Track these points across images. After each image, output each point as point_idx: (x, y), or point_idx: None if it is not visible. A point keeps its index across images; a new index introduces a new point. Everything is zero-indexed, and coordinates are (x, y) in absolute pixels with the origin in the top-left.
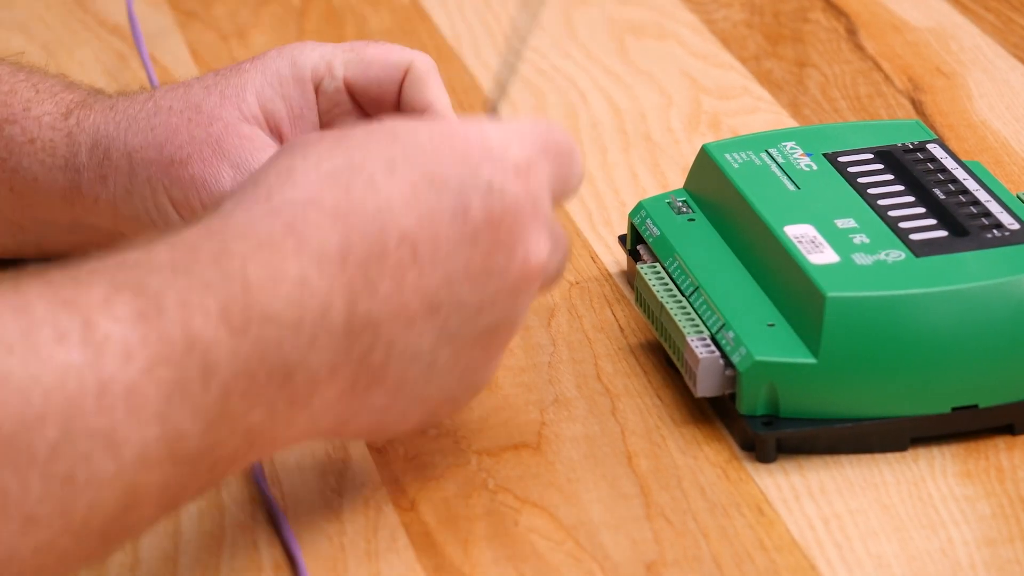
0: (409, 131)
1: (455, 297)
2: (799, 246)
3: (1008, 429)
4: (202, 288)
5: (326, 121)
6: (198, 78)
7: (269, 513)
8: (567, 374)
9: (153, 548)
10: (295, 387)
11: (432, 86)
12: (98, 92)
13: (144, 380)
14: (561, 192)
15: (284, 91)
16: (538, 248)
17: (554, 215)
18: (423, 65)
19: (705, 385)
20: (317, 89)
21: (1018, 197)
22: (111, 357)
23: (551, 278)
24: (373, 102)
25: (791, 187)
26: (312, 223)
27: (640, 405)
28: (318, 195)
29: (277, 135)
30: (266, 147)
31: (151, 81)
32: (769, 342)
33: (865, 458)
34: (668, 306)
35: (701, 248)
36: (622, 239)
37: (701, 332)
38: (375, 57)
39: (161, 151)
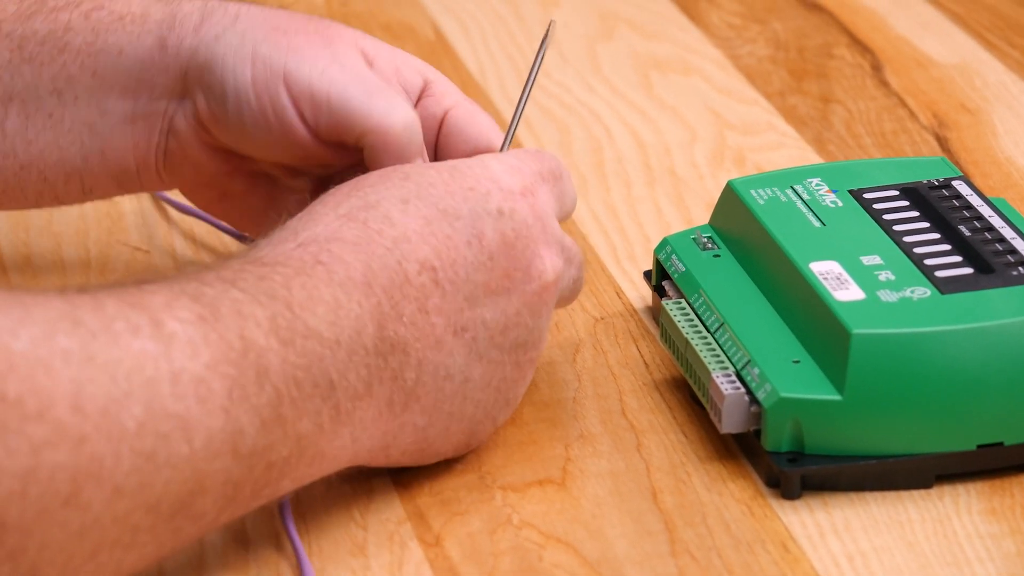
0: (419, 171)
1: (479, 317)
2: (824, 283)
3: None
4: (252, 301)
5: None
6: None
7: (294, 548)
8: (592, 410)
9: None
10: (337, 401)
11: (451, 93)
12: None
13: (210, 374)
14: (560, 211)
15: (402, 65)
16: (552, 262)
17: (562, 232)
18: (443, 83)
19: (730, 421)
20: (418, 103)
21: None
22: (179, 351)
23: (569, 292)
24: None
25: (816, 223)
26: (336, 255)
27: (665, 441)
28: (339, 232)
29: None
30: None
31: None
32: (794, 379)
33: (890, 495)
34: (693, 342)
35: (726, 284)
36: (647, 275)
37: (726, 368)
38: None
39: (272, 19)
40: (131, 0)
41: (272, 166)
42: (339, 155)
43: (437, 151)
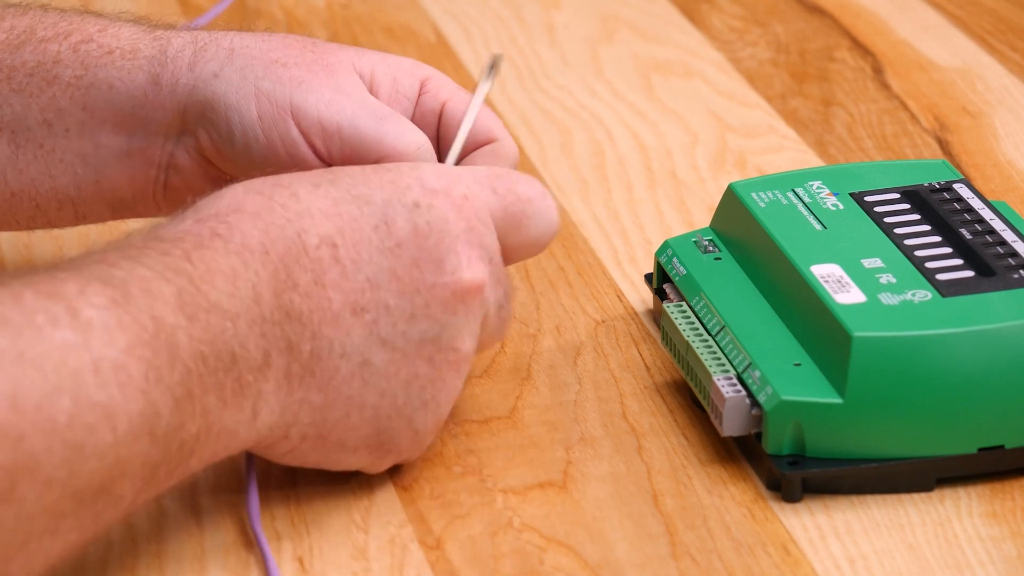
0: (344, 168)
1: (381, 301)
2: (825, 286)
3: None
4: (158, 278)
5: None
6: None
7: (260, 548)
8: (593, 413)
9: None
10: (239, 373)
11: (446, 86)
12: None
13: (127, 359)
14: (515, 232)
15: (397, 72)
16: (471, 266)
17: (499, 255)
18: (439, 78)
19: (731, 424)
20: (418, 97)
21: None
22: (97, 338)
23: (494, 320)
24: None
25: (818, 226)
26: (234, 225)
27: (666, 444)
28: (241, 203)
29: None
30: (356, 110)
31: None
32: (795, 382)
33: (891, 498)
34: (694, 345)
35: (727, 287)
36: (648, 278)
37: (727, 371)
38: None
39: (267, 53)
40: (119, 34)
41: None
42: None
43: (439, 145)
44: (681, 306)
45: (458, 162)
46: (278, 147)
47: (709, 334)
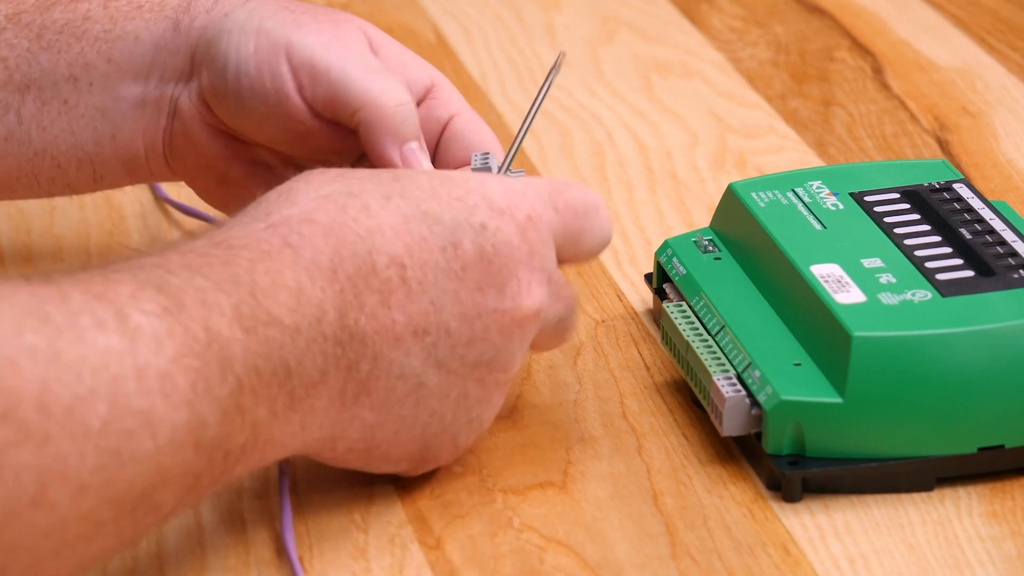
0: (411, 175)
1: (443, 324)
2: (825, 285)
3: None
4: (216, 289)
5: None
6: None
7: (290, 560)
8: (593, 412)
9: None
10: (292, 388)
11: (455, 99)
12: None
13: (174, 368)
14: (573, 247)
15: (408, 58)
16: (530, 292)
17: (558, 271)
18: (449, 88)
19: (731, 424)
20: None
21: None
22: (144, 345)
23: (552, 331)
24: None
25: (817, 226)
26: (306, 237)
27: (666, 444)
28: (313, 213)
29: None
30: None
31: None
32: (795, 381)
33: (891, 498)
34: (694, 345)
35: (727, 287)
36: (648, 277)
37: (727, 371)
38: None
39: (291, 13)
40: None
41: (271, 155)
42: (335, 138)
43: (436, 158)
44: (681, 306)
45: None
46: (266, 82)
47: (709, 334)
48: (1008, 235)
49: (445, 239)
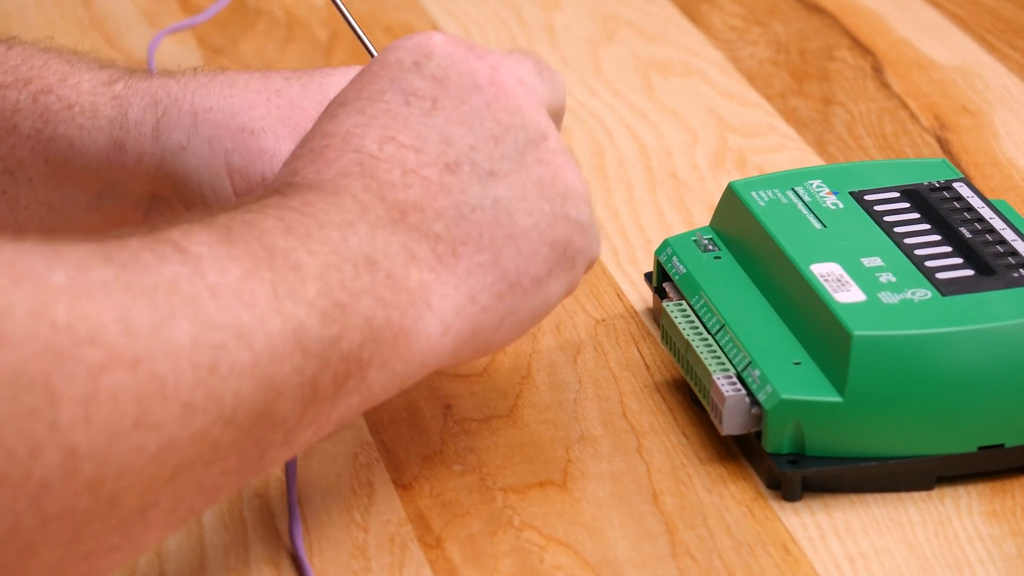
0: (341, 91)
1: (463, 148)
2: (825, 284)
3: None
4: (259, 217)
5: None
6: (276, 71)
7: (294, 552)
8: (593, 411)
9: None
10: (388, 271)
11: None
12: (141, 70)
13: (248, 283)
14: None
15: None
16: (499, 68)
17: (499, 50)
18: None
19: (731, 423)
20: None
21: None
22: (210, 269)
23: (552, 98)
24: None
25: (817, 225)
26: (300, 173)
27: (666, 443)
28: (288, 164)
29: None
30: None
31: None
32: (795, 380)
33: (891, 497)
34: (694, 344)
35: (727, 286)
36: (648, 276)
37: (727, 370)
38: None
39: (232, 117)
40: (79, 87)
41: None
42: None
43: None
44: (681, 305)
45: None
46: None
47: (709, 333)
48: (1008, 234)
49: (400, 96)
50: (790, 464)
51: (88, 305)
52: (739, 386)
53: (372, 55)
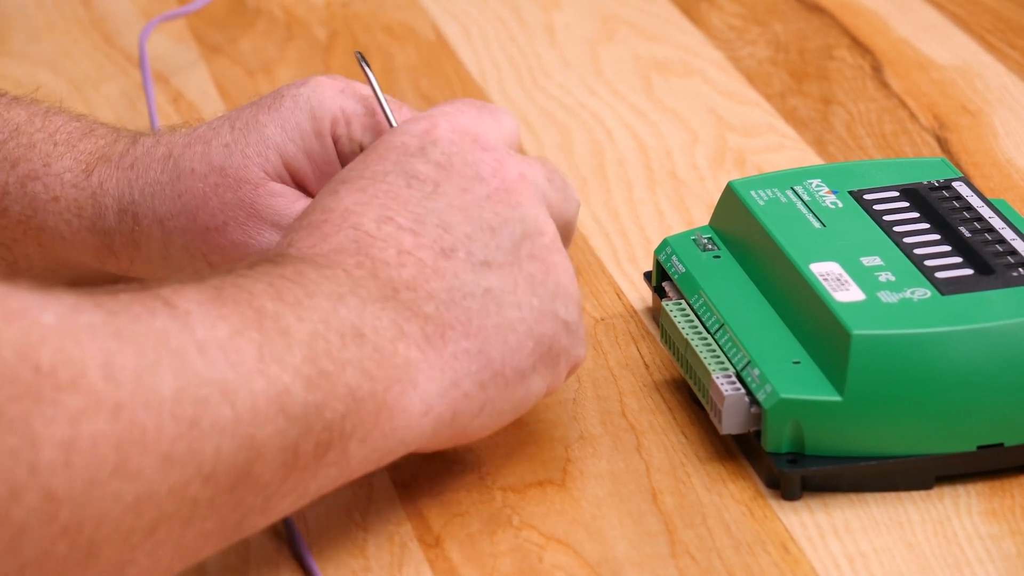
0: (341, 171)
1: (460, 235)
2: (824, 284)
3: None
4: (250, 281)
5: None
6: (212, 129)
7: (294, 549)
8: (592, 411)
9: None
10: (375, 345)
11: (355, 123)
12: (115, 136)
13: (236, 341)
14: (498, 132)
15: (306, 146)
16: (503, 162)
17: (505, 144)
18: (342, 115)
19: (730, 422)
20: (335, 142)
21: None
22: (199, 324)
23: (556, 193)
24: None
25: (817, 224)
26: (296, 246)
27: (665, 442)
28: (291, 235)
29: (301, 187)
30: (298, 199)
31: (152, 123)
32: (794, 380)
33: (890, 496)
34: (693, 343)
35: (726, 285)
36: (647, 276)
37: (726, 369)
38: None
39: (194, 219)
40: (62, 177)
41: None
42: None
43: None
44: (680, 304)
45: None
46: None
47: (708, 332)
48: (1007, 233)
49: (403, 179)
50: (789, 463)
51: (74, 348)
52: (738, 385)
53: (391, 125)
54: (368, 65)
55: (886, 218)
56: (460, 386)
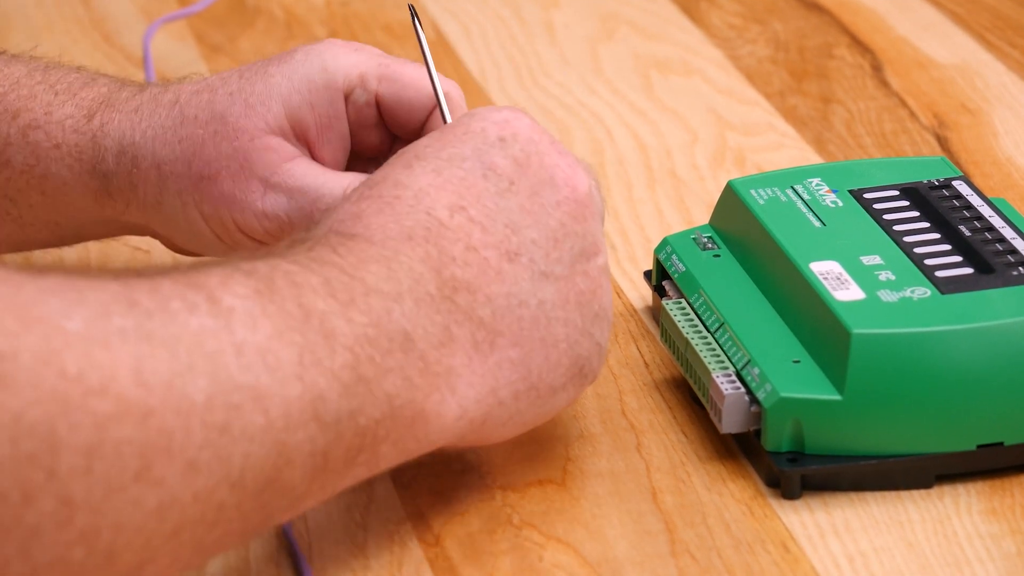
0: (414, 144)
1: (526, 239)
2: (824, 282)
3: None
4: (304, 271)
5: (353, 134)
6: (222, 78)
7: (292, 549)
8: (592, 410)
9: None
10: (421, 352)
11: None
12: (120, 84)
13: (275, 344)
14: None
15: (312, 98)
16: (575, 171)
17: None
18: (456, 97)
19: (730, 421)
20: (347, 98)
21: None
22: (239, 324)
23: (601, 208)
24: (399, 122)
25: (817, 223)
26: (365, 223)
27: (665, 441)
28: (358, 209)
29: (304, 143)
30: (293, 157)
31: None
32: (794, 378)
33: (890, 495)
34: (693, 342)
35: (726, 284)
36: (647, 275)
37: (726, 368)
38: (411, 80)
39: (190, 166)
40: (64, 124)
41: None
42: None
43: (385, 118)
44: (680, 303)
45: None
46: (245, 242)
47: (708, 331)
48: (1007, 232)
49: (480, 168)
50: (789, 462)
51: (102, 354)
52: (738, 384)
53: (445, 120)
54: (418, 19)
55: (886, 217)
56: (497, 394)
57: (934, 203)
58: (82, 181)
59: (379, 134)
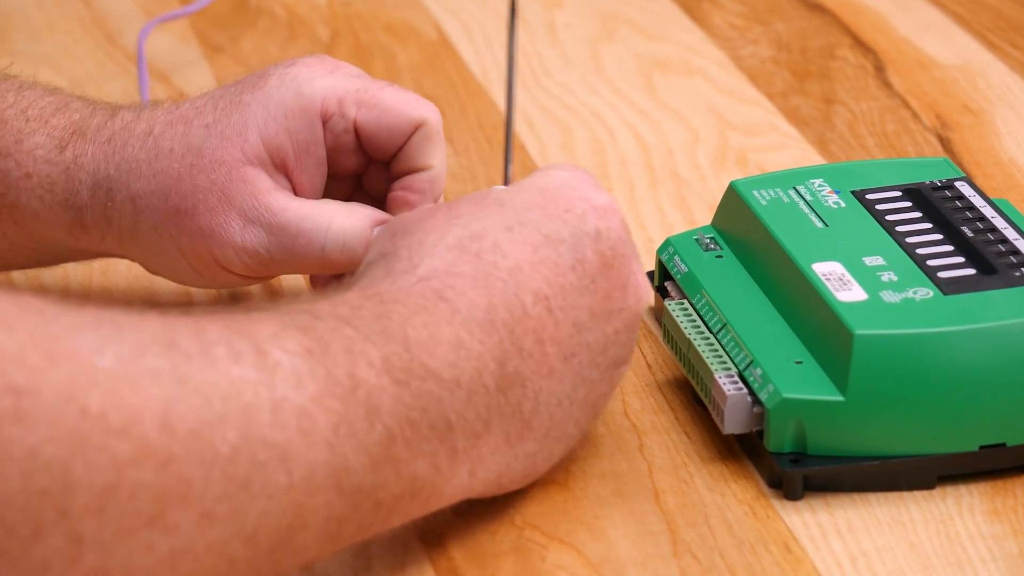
0: (510, 196)
1: (583, 342)
2: (827, 283)
3: None
4: (365, 340)
5: (330, 158)
6: (195, 108)
7: None
8: None
9: None
10: (454, 441)
11: (439, 146)
12: (92, 110)
13: (314, 407)
14: None
15: (289, 124)
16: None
17: None
18: (435, 124)
19: (732, 422)
20: (325, 124)
21: None
22: (283, 381)
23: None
24: (378, 147)
25: (819, 224)
26: (459, 291)
27: (667, 442)
28: (455, 265)
29: (283, 169)
30: (271, 189)
31: None
32: (797, 379)
33: (892, 496)
34: (696, 343)
35: (729, 285)
36: (650, 275)
37: (729, 369)
38: (391, 105)
39: (166, 200)
40: (34, 153)
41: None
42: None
43: (363, 143)
44: (683, 304)
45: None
46: (227, 280)
47: (711, 332)
48: (1010, 233)
49: (572, 257)
50: (792, 463)
51: (129, 395)
52: (741, 385)
53: (507, 181)
54: (515, 14)
55: (888, 218)
56: (500, 481)
57: (936, 204)
58: (54, 213)
59: (356, 158)
